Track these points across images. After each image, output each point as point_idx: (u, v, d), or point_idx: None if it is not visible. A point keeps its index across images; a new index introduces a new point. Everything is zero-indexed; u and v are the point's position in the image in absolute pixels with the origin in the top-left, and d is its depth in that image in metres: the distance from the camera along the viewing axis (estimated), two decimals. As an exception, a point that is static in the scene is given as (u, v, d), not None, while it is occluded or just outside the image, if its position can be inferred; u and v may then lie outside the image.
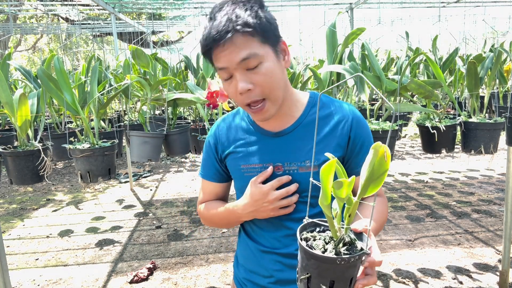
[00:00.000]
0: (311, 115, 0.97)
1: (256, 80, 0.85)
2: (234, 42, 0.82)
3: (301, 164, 0.95)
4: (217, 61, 0.86)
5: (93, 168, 1.82)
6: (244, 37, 0.83)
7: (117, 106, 3.92)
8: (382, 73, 2.02)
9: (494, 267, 2.64)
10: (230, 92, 0.90)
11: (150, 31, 5.85)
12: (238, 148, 1.01)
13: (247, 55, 0.83)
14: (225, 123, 1.07)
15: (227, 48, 0.83)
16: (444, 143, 2.06)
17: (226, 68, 0.85)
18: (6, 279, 1.55)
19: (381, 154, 0.59)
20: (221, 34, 0.82)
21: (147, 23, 6.28)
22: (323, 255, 0.63)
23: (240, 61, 0.83)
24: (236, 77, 0.85)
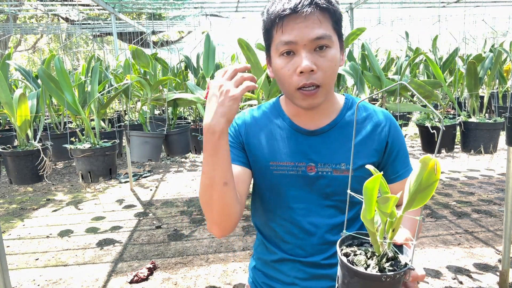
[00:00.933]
0: (348, 117, 0.92)
1: (321, 63, 0.80)
2: (314, 16, 0.78)
3: (336, 166, 0.89)
4: (287, 32, 0.79)
5: (94, 168, 1.83)
6: (322, 15, 0.79)
7: (117, 106, 3.92)
8: (382, 73, 2.02)
9: (494, 267, 2.64)
10: (285, 71, 0.82)
11: (150, 31, 5.86)
12: (267, 143, 0.93)
13: (323, 34, 0.78)
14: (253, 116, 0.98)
15: (306, 21, 0.77)
16: (444, 143, 2.06)
17: (294, 42, 0.79)
18: (6, 279, 1.55)
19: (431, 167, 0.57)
20: (303, 4, 0.77)
21: (147, 23, 6.28)
22: (368, 273, 0.60)
23: (314, 38, 0.78)
24: (301, 54, 0.79)
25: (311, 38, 0.78)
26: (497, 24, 6.11)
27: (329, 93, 0.86)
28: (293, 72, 0.80)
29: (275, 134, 0.94)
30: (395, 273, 0.60)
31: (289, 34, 0.78)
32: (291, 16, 0.78)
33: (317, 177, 0.90)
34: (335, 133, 0.91)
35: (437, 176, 0.57)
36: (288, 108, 0.95)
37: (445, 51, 4.46)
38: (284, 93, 0.89)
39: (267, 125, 0.95)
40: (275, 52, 0.83)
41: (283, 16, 0.78)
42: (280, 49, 0.81)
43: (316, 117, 0.91)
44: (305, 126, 0.92)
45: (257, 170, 0.95)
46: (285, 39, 0.79)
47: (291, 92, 0.84)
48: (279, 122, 0.95)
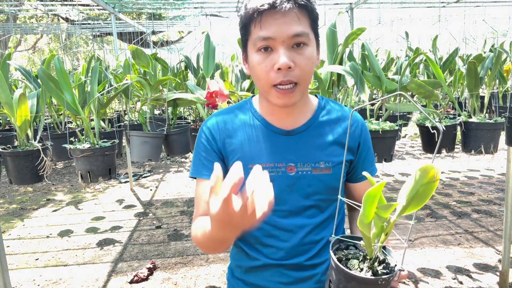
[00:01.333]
0: (322, 117, 0.93)
1: (299, 60, 0.79)
2: (292, 13, 0.77)
3: (315, 165, 0.89)
4: (265, 28, 0.78)
5: (93, 168, 1.82)
6: (300, 12, 0.79)
7: (117, 106, 3.92)
8: (382, 73, 2.02)
9: (494, 267, 2.64)
10: (262, 67, 0.81)
11: (150, 31, 5.86)
12: (244, 146, 0.91)
13: (301, 31, 0.78)
14: (227, 116, 0.95)
15: (284, 17, 0.77)
16: (444, 143, 2.06)
17: (272, 38, 0.78)
18: (6, 279, 1.55)
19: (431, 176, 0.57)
20: (282, 1, 0.76)
21: (147, 23, 6.28)
22: (364, 277, 0.62)
23: (293, 35, 0.77)
24: (278, 50, 0.78)
25: (289, 34, 0.77)
26: (497, 24, 6.11)
27: (304, 92, 0.86)
28: (270, 69, 0.80)
29: (251, 136, 0.92)
30: (389, 276, 0.62)
31: (268, 30, 0.78)
32: (269, 12, 0.77)
33: (297, 177, 0.89)
34: (312, 133, 0.91)
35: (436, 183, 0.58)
36: (262, 108, 0.93)
37: (445, 51, 4.46)
38: (260, 90, 0.87)
39: (241, 127, 0.93)
40: (252, 47, 0.82)
41: (261, 11, 0.77)
42: (258, 45, 0.80)
43: (292, 117, 0.91)
44: (281, 126, 0.91)
45: None
46: (263, 34, 0.78)
47: (267, 89, 0.83)
48: (254, 123, 0.93)
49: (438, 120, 2.14)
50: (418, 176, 0.58)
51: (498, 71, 2.34)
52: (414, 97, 3.01)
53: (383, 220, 0.61)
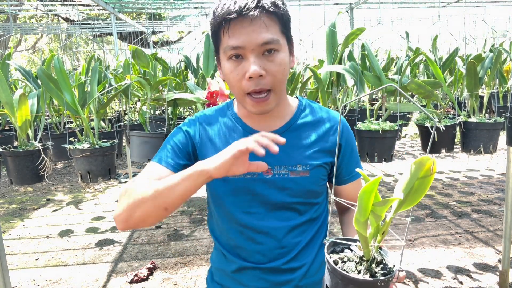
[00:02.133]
0: (301, 119, 0.92)
1: (270, 68, 0.79)
2: (260, 20, 0.76)
3: (292, 168, 0.89)
4: (233, 37, 0.77)
5: (93, 168, 1.82)
6: (269, 18, 0.77)
7: (117, 106, 3.92)
8: (382, 73, 2.02)
9: (494, 267, 2.64)
10: (234, 76, 0.80)
11: (150, 31, 5.86)
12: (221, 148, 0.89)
13: (270, 39, 0.77)
14: (207, 117, 0.96)
15: (252, 25, 0.75)
16: (444, 143, 2.06)
17: (242, 47, 0.77)
18: (6, 279, 1.55)
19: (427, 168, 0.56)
20: (249, 7, 0.74)
21: (147, 23, 6.28)
22: (364, 279, 0.61)
23: (262, 43, 0.76)
24: (249, 59, 0.77)
25: (258, 43, 0.76)
26: (497, 24, 6.11)
27: (280, 97, 0.86)
28: (242, 77, 0.79)
29: (228, 138, 0.91)
30: (388, 277, 0.60)
31: (237, 39, 0.76)
32: (237, 20, 0.75)
33: (274, 180, 0.88)
34: (290, 135, 0.90)
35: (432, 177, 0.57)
36: (240, 110, 0.93)
37: (445, 51, 4.45)
38: (235, 97, 0.87)
39: (220, 129, 0.93)
40: (224, 55, 0.81)
41: (229, 19, 0.76)
42: (228, 53, 0.79)
43: (270, 120, 0.90)
44: (259, 129, 0.90)
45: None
46: (232, 43, 0.77)
47: (241, 96, 0.83)
48: (233, 125, 0.92)
49: (438, 120, 2.14)
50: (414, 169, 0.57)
51: (498, 71, 2.34)
52: (414, 97, 3.01)
53: (379, 218, 0.60)
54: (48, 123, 2.55)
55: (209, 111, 0.98)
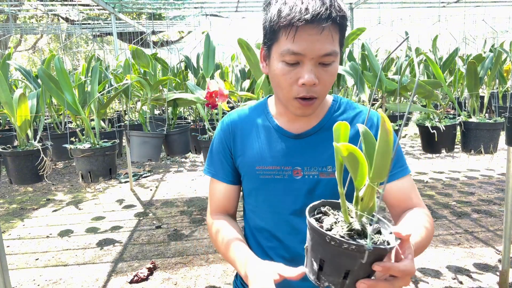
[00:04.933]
0: (336, 118, 0.90)
1: (323, 77, 0.78)
2: (328, 32, 0.74)
3: (322, 169, 0.87)
4: (297, 42, 0.74)
5: (94, 168, 1.82)
6: (335, 30, 0.76)
7: (117, 106, 3.92)
8: (382, 73, 2.02)
9: (494, 267, 2.64)
10: (287, 79, 0.79)
11: (150, 31, 5.85)
12: (254, 147, 0.92)
13: (332, 51, 0.76)
14: (241, 117, 0.97)
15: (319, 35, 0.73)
16: (444, 143, 2.06)
17: (302, 54, 0.75)
18: (6, 279, 1.55)
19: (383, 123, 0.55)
20: (322, 17, 0.72)
21: (147, 23, 6.28)
22: (316, 227, 0.58)
23: (324, 55, 0.75)
24: (306, 66, 0.76)
25: (321, 54, 0.75)
26: (497, 24, 6.11)
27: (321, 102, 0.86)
28: (294, 82, 0.78)
29: (261, 137, 0.92)
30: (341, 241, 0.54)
31: (299, 45, 0.74)
32: (306, 27, 0.73)
33: (303, 181, 0.88)
34: (322, 136, 0.89)
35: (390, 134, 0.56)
36: (276, 109, 0.93)
37: (445, 51, 4.46)
38: (279, 97, 0.86)
39: (254, 128, 0.94)
40: (278, 55, 0.79)
41: (297, 25, 0.73)
42: (286, 57, 0.77)
43: (304, 120, 0.90)
44: (291, 129, 0.90)
45: (245, 174, 0.94)
46: (294, 49, 0.75)
47: (288, 99, 0.82)
48: (266, 124, 0.93)
49: (438, 120, 2.14)
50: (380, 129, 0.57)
51: (498, 71, 2.35)
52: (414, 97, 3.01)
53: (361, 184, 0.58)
54: (48, 123, 2.55)
55: (242, 110, 0.99)
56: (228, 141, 0.96)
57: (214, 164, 0.98)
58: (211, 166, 0.98)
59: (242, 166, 0.94)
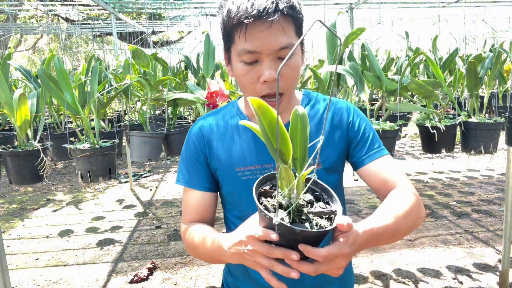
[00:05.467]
0: (308, 112, 0.90)
1: (284, 72, 0.77)
2: (278, 25, 0.73)
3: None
4: (250, 40, 0.74)
5: (93, 168, 1.82)
6: (286, 22, 0.74)
7: (117, 106, 3.92)
8: (382, 73, 2.02)
9: (494, 267, 2.64)
10: (248, 78, 0.79)
11: (150, 31, 5.85)
12: (231, 149, 0.89)
13: (288, 43, 0.75)
14: (213, 122, 0.94)
15: (270, 29, 0.72)
16: (444, 143, 2.06)
17: (258, 52, 0.75)
18: (6, 279, 1.55)
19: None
20: (269, 11, 0.71)
21: (147, 23, 6.28)
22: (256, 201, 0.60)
23: (279, 48, 0.74)
24: (264, 63, 0.76)
25: (275, 47, 0.75)
26: (497, 24, 6.11)
27: (291, 96, 0.86)
28: (256, 80, 0.78)
29: (236, 138, 0.90)
30: (265, 213, 0.57)
31: (253, 43, 0.74)
32: (255, 23, 0.73)
33: None
34: None
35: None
36: (247, 109, 0.92)
37: (445, 51, 4.45)
38: (245, 96, 0.87)
39: (228, 130, 0.92)
40: (237, 56, 0.79)
41: (246, 23, 0.73)
42: (243, 57, 0.77)
43: None
44: None
45: (225, 178, 0.91)
46: (248, 47, 0.75)
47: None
48: (241, 125, 0.90)
49: (438, 120, 2.14)
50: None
51: (498, 71, 2.35)
52: (414, 97, 3.01)
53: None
54: (48, 123, 2.55)
55: (213, 113, 0.97)
56: (203, 147, 0.92)
57: (188, 172, 0.93)
58: (184, 175, 0.93)
59: (221, 171, 0.91)
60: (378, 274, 2.63)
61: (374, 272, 2.66)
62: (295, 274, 0.59)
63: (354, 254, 0.63)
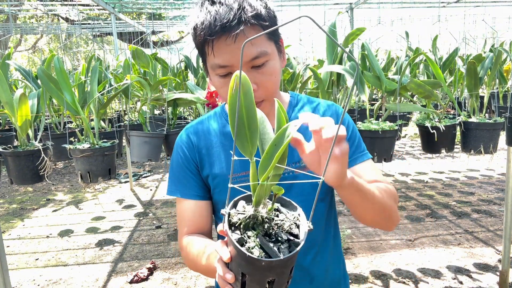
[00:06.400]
0: (295, 114, 0.89)
1: (261, 80, 0.76)
2: (244, 36, 0.71)
3: (296, 165, 0.85)
4: (219, 55, 0.73)
5: (93, 168, 1.82)
6: (253, 31, 0.72)
7: (117, 106, 3.92)
8: (382, 73, 2.02)
9: (494, 267, 2.64)
10: (225, 90, 0.77)
11: (150, 31, 5.85)
12: (221, 156, 0.87)
13: (258, 53, 0.73)
14: (200, 129, 0.92)
15: (237, 42, 0.71)
16: (444, 143, 2.06)
17: (229, 66, 0.74)
18: (6, 279, 1.55)
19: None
20: (232, 25, 0.70)
21: (147, 23, 6.28)
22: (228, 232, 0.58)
23: (249, 60, 0.73)
24: None
25: (246, 60, 0.73)
26: (497, 24, 6.11)
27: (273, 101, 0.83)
28: None
29: (225, 145, 0.88)
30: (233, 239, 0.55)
31: (222, 58, 0.73)
32: (220, 38, 0.71)
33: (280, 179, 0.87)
34: None
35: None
36: None
37: (445, 51, 4.45)
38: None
39: (217, 138, 0.90)
40: (212, 71, 0.79)
41: (211, 38, 0.72)
42: (217, 71, 0.77)
43: None
44: None
45: (216, 186, 0.89)
46: (219, 62, 0.74)
47: None
48: (227, 131, 0.89)
49: (438, 120, 2.14)
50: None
51: (498, 71, 2.34)
52: (414, 97, 3.01)
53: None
54: (48, 123, 2.55)
55: (201, 121, 0.95)
56: (193, 155, 0.90)
57: (180, 182, 0.90)
58: (176, 185, 0.90)
59: (212, 178, 0.89)
60: (378, 274, 2.63)
61: (374, 272, 2.66)
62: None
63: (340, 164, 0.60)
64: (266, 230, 0.58)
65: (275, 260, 0.53)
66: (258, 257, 0.53)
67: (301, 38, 3.74)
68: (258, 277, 0.55)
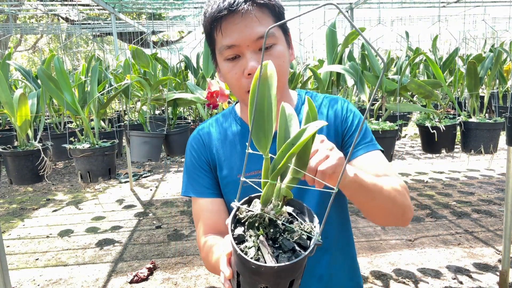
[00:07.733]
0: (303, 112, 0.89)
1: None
2: (252, 14, 0.74)
3: None
4: (227, 35, 0.75)
5: (93, 168, 1.82)
6: (261, 11, 0.75)
7: (117, 106, 3.92)
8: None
9: (494, 267, 2.64)
10: (232, 75, 0.78)
11: (150, 31, 5.85)
12: (231, 156, 0.88)
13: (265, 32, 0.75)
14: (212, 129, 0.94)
15: (244, 20, 0.73)
16: (444, 143, 2.06)
17: (237, 45, 0.75)
18: (6, 279, 1.55)
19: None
20: (239, 2, 0.73)
21: (147, 23, 6.28)
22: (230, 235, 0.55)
23: (256, 38, 0.74)
24: (246, 56, 0.76)
25: (253, 38, 0.75)
26: (497, 24, 6.11)
27: (283, 92, 0.84)
28: (240, 75, 0.78)
29: (236, 144, 0.89)
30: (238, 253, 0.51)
31: (230, 37, 0.75)
32: (228, 17, 0.74)
33: None
34: None
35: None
36: (243, 113, 0.92)
37: (445, 51, 4.46)
38: (237, 97, 0.86)
39: (227, 137, 0.91)
40: (220, 56, 0.80)
41: (220, 17, 0.74)
42: (224, 54, 0.78)
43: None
44: None
45: (226, 185, 0.89)
46: (226, 42, 0.76)
47: (242, 95, 0.81)
48: (238, 130, 0.90)
49: (438, 120, 2.14)
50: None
51: (498, 71, 2.34)
52: (414, 97, 3.01)
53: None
54: (48, 123, 2.55)
55: (211, 121, 0.96)
56: (205, 154, 0.91)
57: (195, 182, 0.91)
58: (192, 185, 0.91)
59: (223, 178, 0.90)
60: (378, 274, 2.63)
61: (374, 272, 2.66)
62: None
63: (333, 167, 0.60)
64: (273, 234, 0.55)
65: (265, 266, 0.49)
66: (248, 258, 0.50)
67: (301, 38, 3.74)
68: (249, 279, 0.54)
